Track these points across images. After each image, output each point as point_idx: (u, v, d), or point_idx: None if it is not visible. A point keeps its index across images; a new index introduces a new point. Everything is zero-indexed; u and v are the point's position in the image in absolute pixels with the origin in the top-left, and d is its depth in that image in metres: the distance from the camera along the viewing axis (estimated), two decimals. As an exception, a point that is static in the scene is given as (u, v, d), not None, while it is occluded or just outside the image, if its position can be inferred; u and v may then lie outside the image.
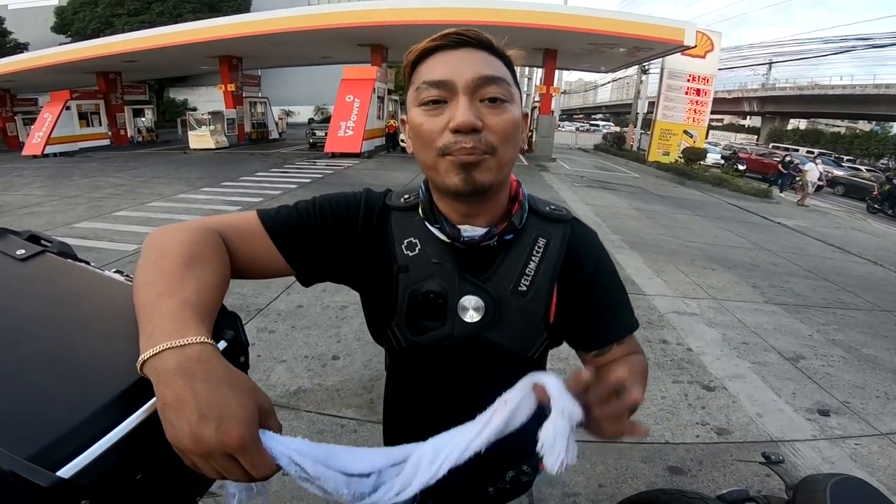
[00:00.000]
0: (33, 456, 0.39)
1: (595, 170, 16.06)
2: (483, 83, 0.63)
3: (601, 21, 13.33)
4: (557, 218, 0.76)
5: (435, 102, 0.64)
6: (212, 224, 0.67)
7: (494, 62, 0.66)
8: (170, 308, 0.51)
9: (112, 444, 0.44)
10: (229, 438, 0.43)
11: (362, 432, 2.35)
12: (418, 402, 0.82)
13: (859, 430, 2.67)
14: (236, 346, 0.60)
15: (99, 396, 0.47)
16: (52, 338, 0.54)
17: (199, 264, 0.58)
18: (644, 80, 23.41)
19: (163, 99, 33.05)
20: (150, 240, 0.63)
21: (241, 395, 0.46)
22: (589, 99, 76.43)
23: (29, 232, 0.71)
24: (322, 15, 14.96)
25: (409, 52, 0.69)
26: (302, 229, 0.72)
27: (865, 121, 37.85)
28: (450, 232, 0.70)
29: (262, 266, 0.70)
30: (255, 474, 0.46)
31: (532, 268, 0.72)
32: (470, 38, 0.66)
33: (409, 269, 0.71)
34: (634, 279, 4.91)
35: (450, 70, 0.63)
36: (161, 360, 0.46)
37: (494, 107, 0.64)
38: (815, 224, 9.83)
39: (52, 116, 15.89)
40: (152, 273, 0.57)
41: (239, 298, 3.72)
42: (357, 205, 0.75)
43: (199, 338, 0.48)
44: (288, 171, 11.74)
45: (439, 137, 0.64)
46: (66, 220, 6.39)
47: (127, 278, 0.70)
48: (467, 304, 0.70)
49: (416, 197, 0.74)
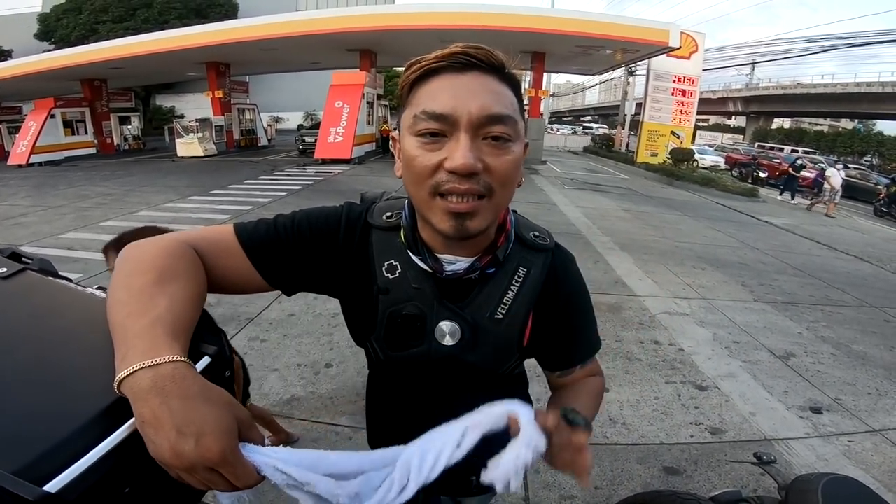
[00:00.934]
0: (19, 471, 0.40)
1: (585, 172, 16.19)
2: (488, 122, 0.59)
3: (587, 24, 13.45)
4: (541, 247, 0.76)
5: (433, 135, 0.60)
6: (186, 238, 0.65)
7: (504, 92, 0.62)
8: (141, 327, 0.51)
9: (98, 459, 0.44)
10: (209, 452, 0.44)
11: (357, 439, 2.33)
12: (396, 409, 0.84)
13: (852, 426, 2.69)
14: (220, 361, 0.60)
15: (83, 412, 0.48)
16: (34, 354, 0.55)
17: (170, 280, 0.57)
18: (631, 82, 23.70)
19: (149, 106, 32.78)
20: (121, 256, 0.61)
21: (218, 410, 0.47)
22: (577, 101, 77.00)
23: (10, 249, 0.70)
24: (310, 20, 14.92)
25: (409, 67, 0.64)
26: (279, 246, 0.70)
27: (848, 119, 38.52)
28: (432, 265, 0.69)
29: (238, 281, 0.69)
30: (238, 485, 0.46)
31: (510, 297, 0.72)
32: (479, 61, 0.60)
33: (390, 291, 0.71)
34: (625, 280, 4.94)
35: (453, 101, 0.58)
36: (135, 379, 0.47)
37: (497, 146, 0.60)
38: (802, 222, 9.97)
39: (36, 125, 15.63)
40: (123, 292, 0.56)
41: (230, 308, 3.68)
42: (337, 220, 0.74)
43: (172, 356, 0.48)
44: (278, 178, 11.67)
45: (433, 174, 0.60)
46: (52, 231, 6.31)
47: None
48: (444, 329, 0.71)
49: (399, 217, 0.73)
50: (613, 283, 4.83)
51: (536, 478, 2.13)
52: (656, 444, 2.44)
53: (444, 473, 0.55)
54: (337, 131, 14.34)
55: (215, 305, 3.66)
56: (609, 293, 4.50)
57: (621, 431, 2.52)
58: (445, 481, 0.89)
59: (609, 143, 24.95)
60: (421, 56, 0.63)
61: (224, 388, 0.52)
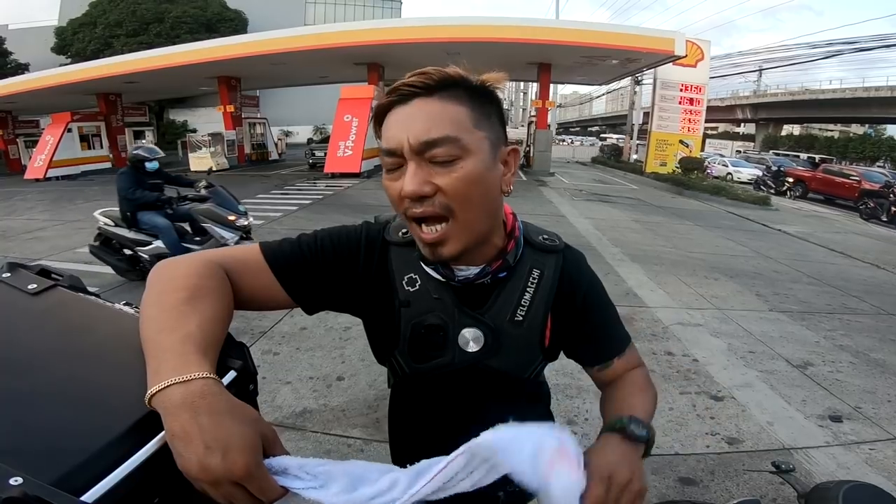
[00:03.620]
0: (57, 481, 0.41)
1: (594, 183, 16.14)
2: (425, 147, 0.61)
3: (592, 34, 13.50)
4: (551, 249, 0.78)
5: (393, 169, 0.64)
6: (215, 257, 0.68)
7: (443, 113, 0.61)
8: (173, 344, 0.53)
9: (131, 471, 0.46)
10: (235, 467, 0.46)
11: (369, 451, 2.33)
12: (422, 422, 0.84)
13: (873, 435, 2.64)
14: (245, 375, 0.63)
15: (115, 425, 0.49)
16: (65, 369, 0.56)
17: (201, 298, 0.60)
18: (638, 91, 23.63)
19: (163, 120, 33.32)
20: (153, 274, 0.64)
21: (244, 426, 0.49)
22: (584, 111, 77.14)
23: (39, 266, 0.72)
24: (318, 35, 15.16)
25: (374, 109, 0.68)
26: (304, 263, 0.73)
27: (858, 124, 38.13)
28: (444, 273, 0.71)
29: (264, 299, 0.72)
30: (262, 498, 0.48)
31: (527, 298, 0.74)
32: (418, 88, 0.62)
33: (411, 303, 0.73)
34: (637, 292, 4.90)
35: (398, 135, 0.62)
36: (167, 394, 0.49)
37: (444, 167, 0.61)
38: (816, 230, 9.84)
39: (53, 139, 15.95)
40: (155, 308, 0.58)
41: (243, 321, 3.72)
42: (357, 240, 0.77)
43: (202, 373, 0.50)
44: (288, 192, 11.79)
45: (401, 202, 0.64)
46: (69, 245, 6.41)
47: (136, 310, 0.71)
48: (467, 336, 0.73)
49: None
50: (625, 295, 4.79)
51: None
52: (671, 454, 2.40)
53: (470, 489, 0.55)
54: (346, 145, 14.47)
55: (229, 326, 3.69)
56: (620, 304, 4.46)
57: (636, 443, 2.49)
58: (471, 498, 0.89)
59: (617, 154, 24.87)
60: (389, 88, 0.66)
61: (248, 401, 0.54)
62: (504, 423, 0.56)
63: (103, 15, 28.56)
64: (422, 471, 0.53)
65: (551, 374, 3.07)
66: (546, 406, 0.93)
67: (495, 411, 0.61)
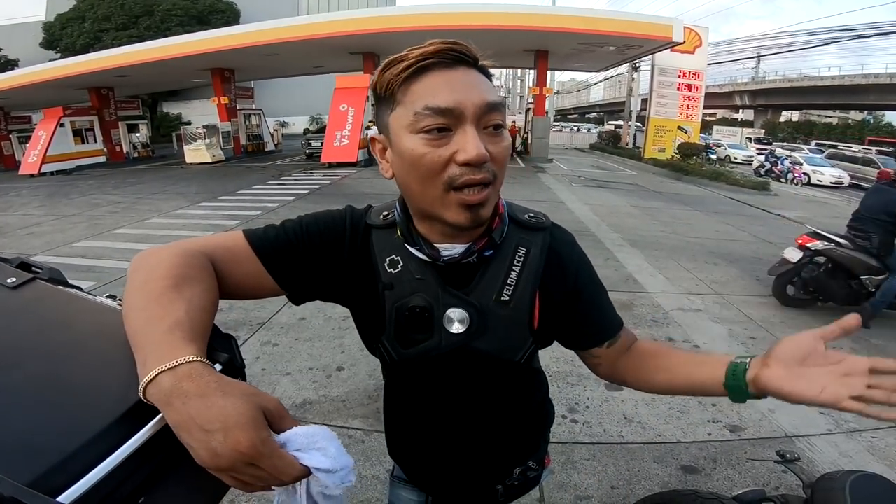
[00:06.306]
0: (34, 482, 0.40)
1: (592, 169, 16.08)
2: (489, 110, 0.61)
3: (590, 20, 13.36)
4: (537, 226, 0.76)
5: (440, 130, 0.60)
6: (198, 245, 0.66)
7: (490, 84, 0.65)
8: (160, 332, 0.51)
9: (111, 469, 0.44)
10: (239, 445, 0.43)
11: (370, 442, 2.32)
12: (415, 410, 0.83)
13: (875, 422, 2.63)
14: (231, 369, 0.61)
15: (95, 422, 0.47)
16: (44, 364, 0.54)
17: (187, 286, 0.58)
18: (636, 78, 23.50)
19: (157, 113, 33.06)
20: (135, 263, 0.62)
21: (237, 401, 0.46)
22: (582, 98, 76.65)
23: (19, 259, 0.70)
24: (311, 24, 14.97)
25: (390, 66, 0.63)
26: (289, 249, 0.71)
27: (856, 110, 38.01)
28: (429, 252, 0.69)
29: (251, 286, 0.70)
30: (281, 478, 0.45)
31: (514, 277, 0.72)
32: (467, 56, 0.62)
33: (394, 286, 0.72)
34: (636, 277, 4.89)
35: (455, 95, 0.59)
36: (157, 384, 0.47)
37: (496, 135, 0.63)
38: (816, 215, 9.82)
39: (46, 134, 15.82)
40: (140, 298, 0.56)
41: (241, 313, 3.69)
42: (343, 223, 0.75)
43: (189, 357, 0.48)
44: (285, 182, 11.73)
45: (445, 169, 0.60)
46: (65, 240, 6.37)
47: (118, 303, 0.69)
48: (453, 317, 0.71)
49: (393, 215, 0.74)
50: (624, 280, 4.78)
51: (551, 478, 2.11)
52: (673, 442, 2.40)
53: (469, 483, 0.53)
54: (343, 134, 14.37)
55: (227, 311, 3.68)
56: (620, 290, 4.46)
57: (637, 430, 2.49)
58: (469, 490, 0.88)
59: (616, 140, 24.78)
60: (399, 55, 0.62)
61: None
62: (497, 409, 0.55)
63: (91, 9, 28.06)
64: None
65: (552, 361, 3.07)
66: (544, 394, 0.92)
67: (488, 398, 0.59)
